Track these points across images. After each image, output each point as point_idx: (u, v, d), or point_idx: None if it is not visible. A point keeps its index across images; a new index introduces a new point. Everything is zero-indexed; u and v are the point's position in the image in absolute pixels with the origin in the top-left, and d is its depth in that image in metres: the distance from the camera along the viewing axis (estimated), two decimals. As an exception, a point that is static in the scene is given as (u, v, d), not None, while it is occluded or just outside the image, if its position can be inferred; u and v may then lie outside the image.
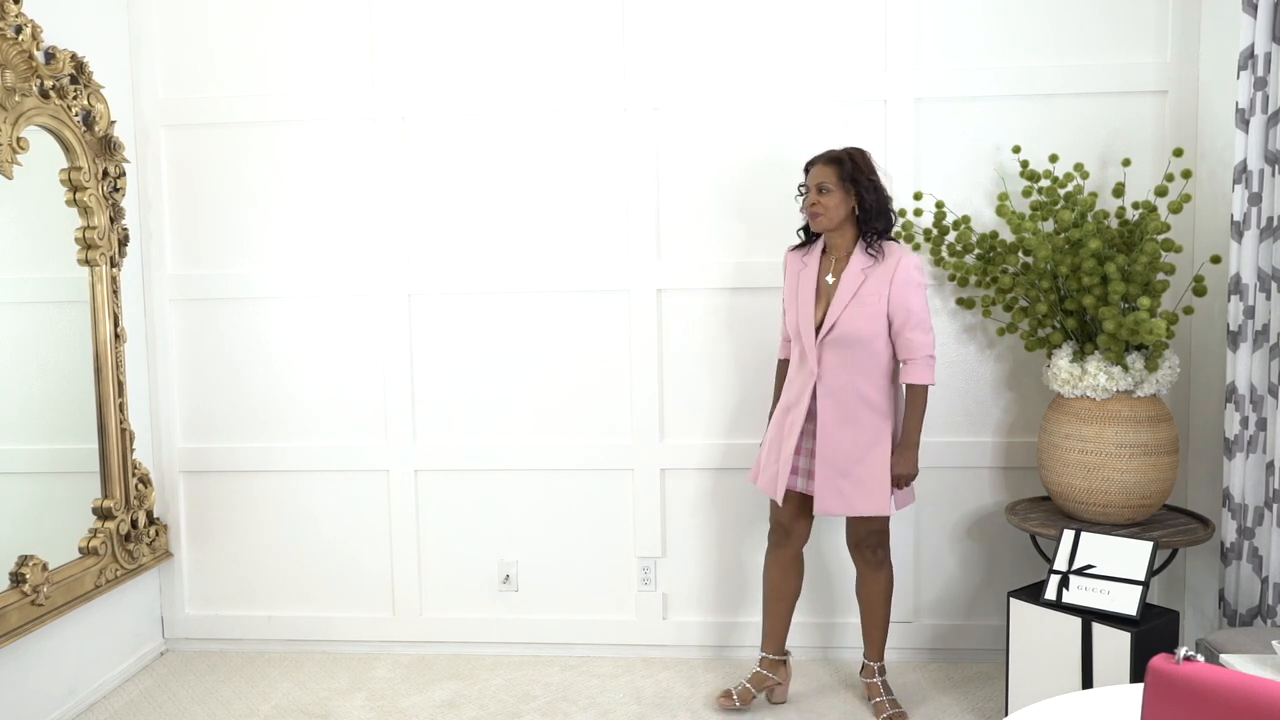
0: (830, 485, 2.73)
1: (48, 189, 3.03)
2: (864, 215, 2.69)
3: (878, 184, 2.71)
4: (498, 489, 3.42)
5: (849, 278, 2.69)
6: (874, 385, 2.70)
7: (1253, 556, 2.66)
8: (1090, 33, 3.13)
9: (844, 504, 2.74)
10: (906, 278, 2.65)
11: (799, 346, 2.77)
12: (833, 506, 2.74)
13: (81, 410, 3.15)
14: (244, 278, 3.42)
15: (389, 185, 3.34)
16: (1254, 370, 2.64)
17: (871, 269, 2.67)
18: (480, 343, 3.38)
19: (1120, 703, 1.84)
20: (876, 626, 2.92)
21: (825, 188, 2.69)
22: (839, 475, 2.72)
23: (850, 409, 2.70)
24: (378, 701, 3.10)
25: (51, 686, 2.95)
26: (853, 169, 2.68)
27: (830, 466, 2.72)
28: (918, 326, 2.67)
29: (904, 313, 2.65)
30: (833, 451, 2.72)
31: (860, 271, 2.68)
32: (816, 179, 2.72)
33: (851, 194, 2.69)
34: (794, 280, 2.82)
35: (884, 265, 2.66)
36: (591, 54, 3.28)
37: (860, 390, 2.70)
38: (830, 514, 2.78)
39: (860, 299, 2.66)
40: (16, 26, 2.74)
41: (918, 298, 2.67)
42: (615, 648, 3.42)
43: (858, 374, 2.69)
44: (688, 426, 3.35)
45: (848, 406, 2.70)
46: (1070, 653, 2.55)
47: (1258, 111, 2.56)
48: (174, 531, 3.51)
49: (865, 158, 2.72)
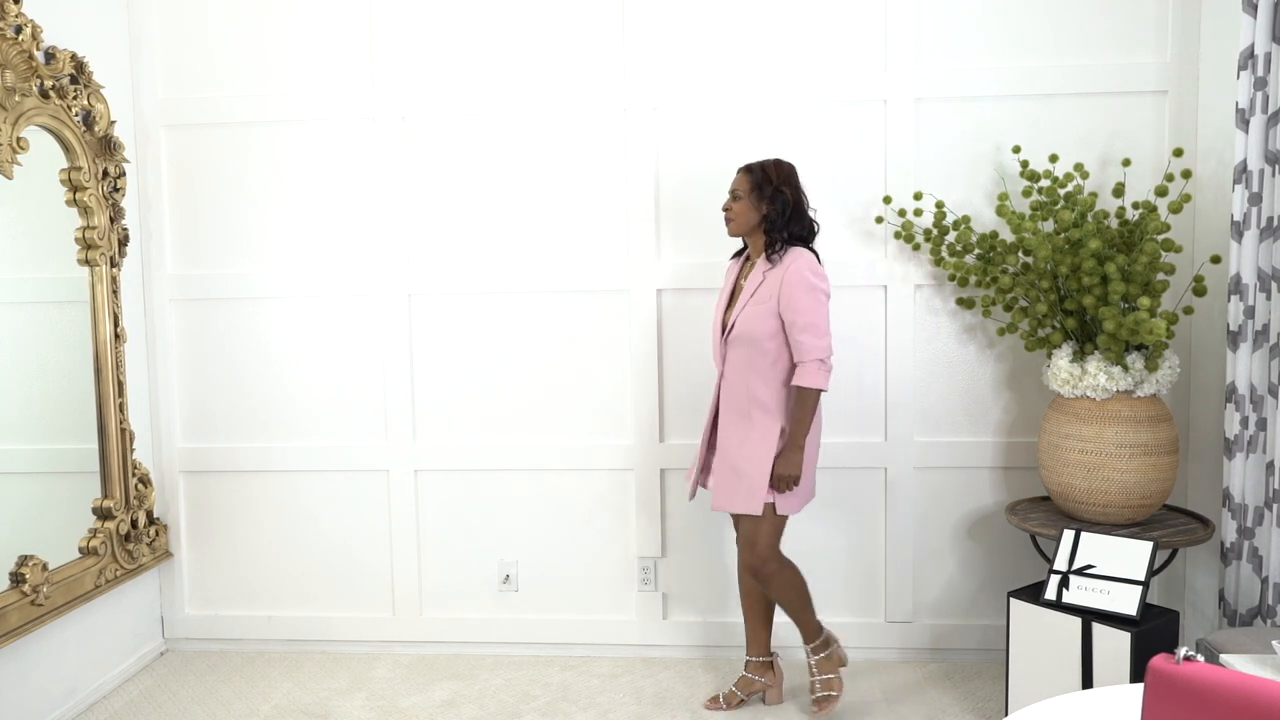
0: (719, 480, 2.80)
1: (48, 189, 3.03)
2: (769, 223, 2.75)
3: (788, 194, 2.74)
4: (498, 489, 3.42)
5: (752, 280, 2.77)
6: (766, 385, 2.73)
7: (1253, 556, 2.66)
8: (1090, 33, 3.13)
9: (724, 500, 2.77)
10: (796, 278, 2.67)
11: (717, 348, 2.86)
12: (719, 502, 2.79)
13: (81, 410, 3.15)
14: (244, 278, 3.42)
15: (389, 185, 3.34)
16: (1254, 370, 2.64)
17: (770, 271, 2.73)
18: (480, 343, 3.38)
19: (1120, 703, 1.84)
20: (792, 620, 2.87)
21: (736, 195, 2.78)
22: (727, 470, 2.77)
23: (744, 407, 2.75)
24: (378, 701, 3.10)
25: (51, 686, 2.95)
26: (761, 178, 2.75)
27: (723, 462, 2.79)
28: (807, 329, 2.67)
29: (791, 312, 2.67)
30: (725, 447, 2.79)
31: (761, 274, 2.75)
32: (731, 187, 2.81)
33: (761, 202, 2.74)
34: (725, 285, 2.91)
35: (779, 267, 2.72)
36: (591, 54, 3.28)
37: (752, 389, 2.74)
38: (718, 509, 2.80)
39: (756, 299, 2.73)
40: (16, 26, 2.74)
41: (807, 299, 2.67)
42: (615, 648, 3.42)
43: (752, 373, 2.74)
44: (688, 426, 3.35)
45: (742, 404, 2.76)
46: (1070, 653, 2.55)
47: (1258, 111, 2.56)
48: (174, 531, 3.51)
49: (779, 168, 2.78)
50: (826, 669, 2.87)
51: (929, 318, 3.25)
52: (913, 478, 3.29)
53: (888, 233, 3.22)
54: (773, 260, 2.73)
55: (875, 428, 3.30)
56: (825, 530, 3.34)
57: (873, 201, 3.22)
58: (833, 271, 3.24)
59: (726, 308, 2.84)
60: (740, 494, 2.73)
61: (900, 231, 3.13)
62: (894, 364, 3.25)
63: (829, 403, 3.30)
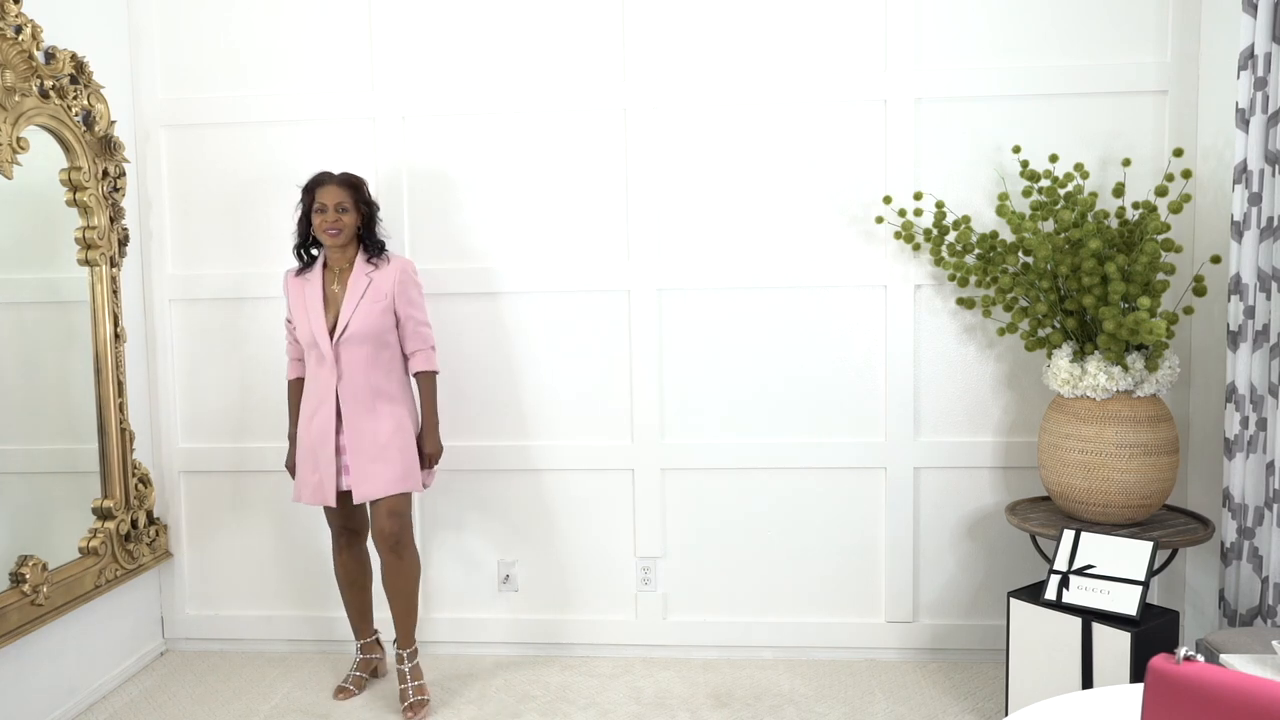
0: (363, 473, 2.91)
1: (48, 189, 3.03)
2: (367, 232, 3.00)
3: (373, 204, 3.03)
4: (498, 489, 3.42)
5: (355, 283, 2.93)
6: (389, 376, 2.97)
7: (1253, 556, 2.66)
8: (1090, 33, 3.13)
9: (380, 486, 2.92)
10: (407, 278, 2.97)
11: (315, 353, 2.95)
12: (370, 491, 2.92)
13: (81, 410, 3.15)
14: (244, 278, 3.42)
15: (388, 185, 3.34)
16: (1254, 370, 2.63)
17: (375, 273, 2.95)
18: (479, 343, 3.38)
19: (1120, 703, 1.84)
20: (406, 614, 3.02)
21: (343, 207, 2.93)
22: (370, 462, 2.91)
23: (369, 401, 2.92)
24: (378, 701, 3.10)
25: (51, 686, 2.95)
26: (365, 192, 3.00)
27: (362, 455, 2.91)
28: (424, 322, 3.02)
29: (408, 307, 2.97)
30: (360, 442, 2.90)
31: (365, 276, 2.94)
32: (335, 199, 2.93)
33: (360, 213, 2.98)
34: (299, 298, 2.98)
35: (388, 269, 2.95)
36: (591, 54, 3.28)
37: (374, 382, 2.93)
38: (369, 498, 2.92)
39: (369, 299, 2.92)
40: (16, 26, 2.74)
41: (419, 294, 3.02)
42: (615, 648, 3.42)
43: (374, 369, 2.93)
44: (688, 426, 3.35)
45: (366, 400, 2.92)
46: (1070, 653, 2.56)
47: (1258, 111, 2.56)
48: (174, 531, 3.51)
49: (366, 183, 3.03)
50: (419, 675, 3.04)
51: (929, 318, 3.25)
52: (913, 478, 3.29)
53: (888, 233, 3.22)
54: (375, 264, 2.96)
55: (875, 428, 3.30)
56: (826, 530, 3.34)
57: (873, 201, 3.22)
58: (833, 271, 3.26)
59: (324, 313, 2.93)
60: (393, 478, 2.92)
61: (900, 231, 3.13)
62: (894, 364, 3.25)
63: (830, 402, 3.30)
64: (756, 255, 3.27)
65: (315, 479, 2.95)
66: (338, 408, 2.91)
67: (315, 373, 2.96)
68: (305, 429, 2.97)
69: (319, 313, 2.93)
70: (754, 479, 3.34)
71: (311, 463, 2.95)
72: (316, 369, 2.95)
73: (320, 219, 2.92)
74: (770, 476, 3.34)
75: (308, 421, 2.96)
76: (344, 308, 2.92)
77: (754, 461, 3.33)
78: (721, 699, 3.07)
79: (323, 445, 2.93)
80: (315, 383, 2.96)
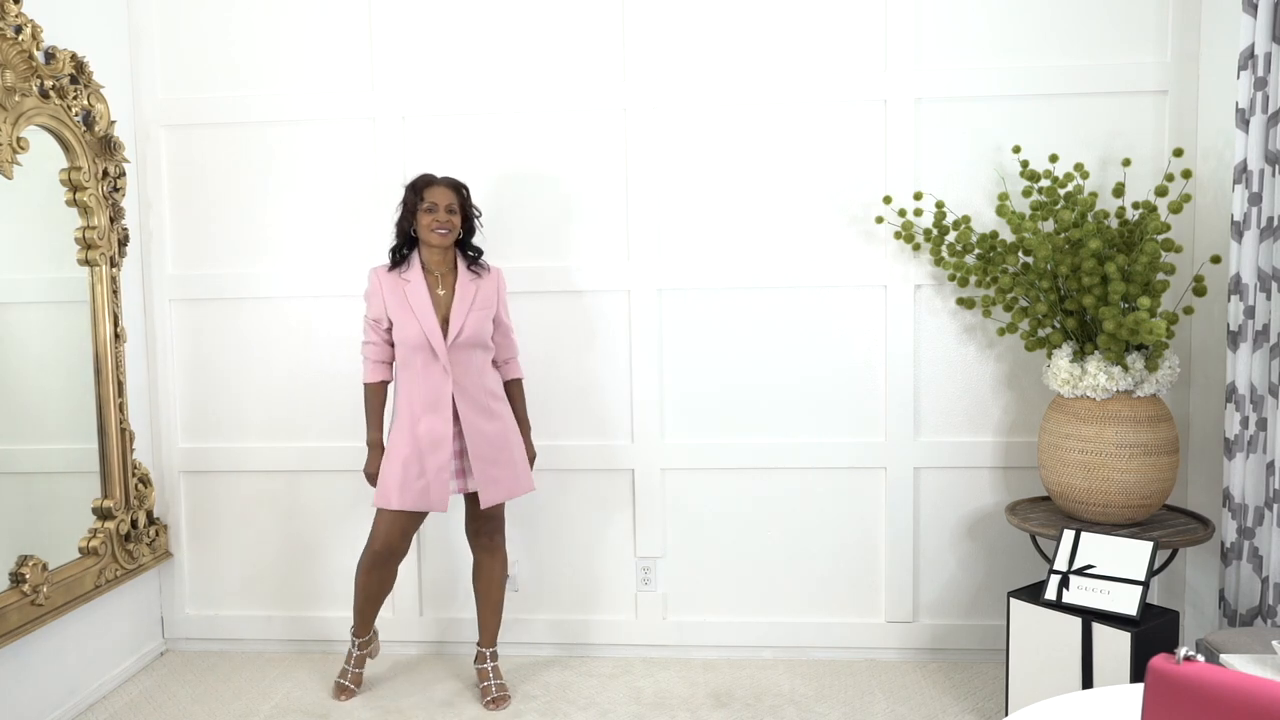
0: (487, 475, 2.91)
1: (48, 189, 3.03)
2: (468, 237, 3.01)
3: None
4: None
5: (464, 288, 2.93)
6: (494, 380, 3.00)
7: (1253, 556, 2.66)
8: (1090, 33, 3.13)
9: (506, 489, 2.94)
10: (503, 287, 3.03)
11: (422, 356, 2.87)
12: (498, 494, 2.93)
13: (81, 410, 3.15)
14: (244, 278, 3.42)
15: (389, 185, 3.34)
16: (1254, 370, 2.63)
17: (479, 280, 2.97)
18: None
19: (1120, 703, 1.84)
20: (493, 612, 3.08)
21: (452, 209, 2.91)
22: (491, 465, 2.92)
23: (485, 403, 2.93)
24: (378, 701, 3.10)
25: (51, 686, 2.95)
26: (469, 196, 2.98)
27: (483, 459, 2.90)
28: (512, 329, 3.08)
29: (505, 316, 3.04)
30: (480, 445, 2.90)
31: (471, 283, 2.95)
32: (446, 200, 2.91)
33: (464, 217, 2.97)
34: (399, 297, 2.90)
35: (489, 277, 2.99)
36: (591, 54, 3.28)
37: (487, 385, 2.94)
38: (495, 503, 2.93)
39: (478, 304, 2.93)
40: (16, 26, 2.74)
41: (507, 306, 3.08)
42: (615, 648, 3.42)
43: (485, 372, 2.96)
44: (688, 426, 3.35)
45: (483, 401, 2.92)
46: (1070, 653, 2.56)
47: (1258, 111, 2.56)
48: (174, 531, 3.51)
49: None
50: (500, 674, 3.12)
51: (929, 318, 3.25)
52: (913, 478, 3.29)
53: (888, 233, 3.22)
54: (476, 273, 2.98)
55: (875, 428, 3.30)
56: (826, 530, 3.34)
57: (873, 201, 3.22)
58: (833, 271, 3.26)
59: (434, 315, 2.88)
60: (514, 481, 2.96)
61: (900, 231, 3.13)
62: (894, 364, 3.25)
63: (830, 402, 3.30)
64: (757, 255, 3.28)
65: (421, 484, 2.86)
66: (454, 411, 2.87)
67: (422, 375, 2.86)
68: (408, 432, 2.86)
69: (430, 314, 2.86)
70: (754, 479, 3.35)
71: (417, 467, 2.86)
72: (423, 371, 2.86)
73: (430, 218, 2.87)
74: (770, 476, 3.34)
75: (413, 424, 2.86)
76: (455, 311, 2.89)
77: (754, 461, 3.33)
78: (721, 699, 3.07)
79: (436, 449, 2.86)
80: (422, 386, 2.86)
